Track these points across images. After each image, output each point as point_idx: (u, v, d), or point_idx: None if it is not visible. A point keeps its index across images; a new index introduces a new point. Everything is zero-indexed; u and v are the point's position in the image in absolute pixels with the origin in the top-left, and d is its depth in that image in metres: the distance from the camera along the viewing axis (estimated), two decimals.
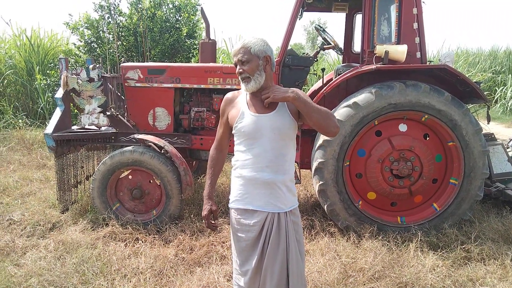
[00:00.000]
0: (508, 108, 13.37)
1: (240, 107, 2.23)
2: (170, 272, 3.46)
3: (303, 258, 2.30)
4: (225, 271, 3.45)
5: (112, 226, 4.16)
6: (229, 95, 2.34)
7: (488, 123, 4.91)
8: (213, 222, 2.36)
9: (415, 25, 4.16)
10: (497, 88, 14.37)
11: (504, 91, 14.08)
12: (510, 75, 14.64)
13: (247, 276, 2.21)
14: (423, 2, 4.20)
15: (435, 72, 4.25)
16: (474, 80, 4.34)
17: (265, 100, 2.13)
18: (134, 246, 3.92)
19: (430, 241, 3.97)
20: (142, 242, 3.98)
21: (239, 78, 2.21)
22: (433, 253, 3.69)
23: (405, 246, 3.83)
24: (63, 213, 4.57)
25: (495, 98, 14.11)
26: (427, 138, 4.23)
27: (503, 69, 15.28)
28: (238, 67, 2.19)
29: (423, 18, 4.18)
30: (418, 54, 4.19)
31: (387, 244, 3.83)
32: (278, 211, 2.19)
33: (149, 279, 3.35)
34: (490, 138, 5.02)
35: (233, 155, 2.31)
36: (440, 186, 4.30)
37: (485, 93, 4.55)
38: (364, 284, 3.26)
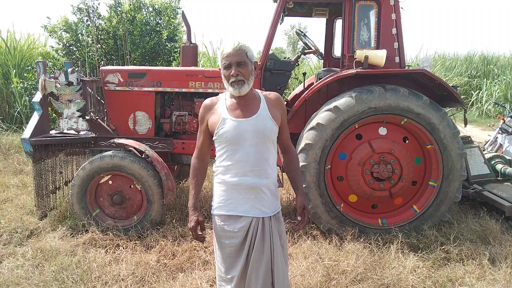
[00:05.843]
0: (484, 112, 13.72)
1: (220, 113, 2.17)
2: (152, 279, 3.42)
3: (287, 262, 2.31)
4: (207, 276, 3.43)
5: (92, 232, 4.09)
6: (207, 101, 2.26)
7: (465, 126, 5.01)
8: (200, 233, 2.30)
9: (394, 31, 4.24)
10: (473, 92, 14.73)
11: (479, 95, 14.45)
12: (485, 79, 15.04)
13: (233, 283, 2.18)
14: (402, 8, 4.29)
15: (414, 77, 4.32)
16: (451, 84, 4.43)
17: (297, 228, 2.31)
18: (115, 252, 3.86)
19: (410, 242, 4.03)
20: (123, 248, 3.93)
21: (230, 81, 2.11)
22: (414, 255, 3.75)
23: (386, 248, 3.88)
24: (41, 220, 4.46)
25: (471, 101, 14.46)
26: (407, 141, 4.31)
27: (478, 74, 15.68)
28: (232, 69, 2.08)
29: (402, 23, 4.26)
30: (397, 59, 4.27)
31: (369, 246, 3.88)
32: (263, 215, 2.18)
33: (130, 286, 3.30)
34: (467, 141, 5.13)
35: (215, 160, 2.28)
36: (420, 188, 4.38)
37: (461, 97, 4.65)
38: (347, 287, 3.29)
